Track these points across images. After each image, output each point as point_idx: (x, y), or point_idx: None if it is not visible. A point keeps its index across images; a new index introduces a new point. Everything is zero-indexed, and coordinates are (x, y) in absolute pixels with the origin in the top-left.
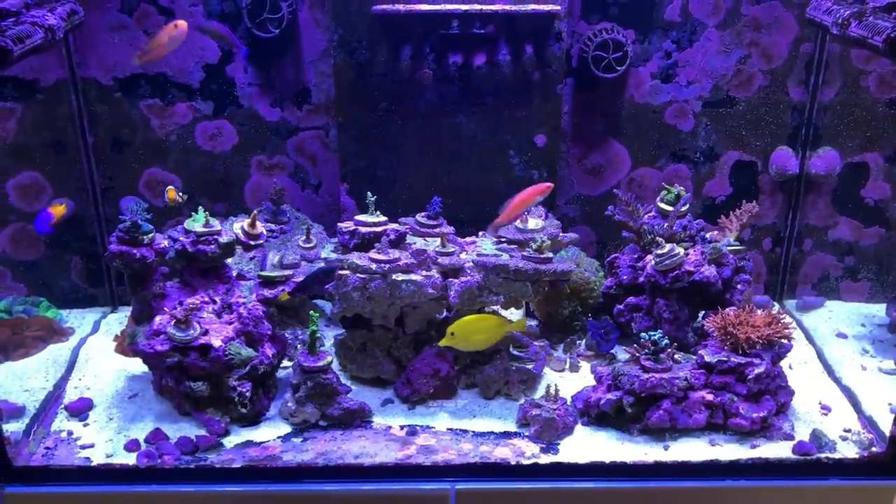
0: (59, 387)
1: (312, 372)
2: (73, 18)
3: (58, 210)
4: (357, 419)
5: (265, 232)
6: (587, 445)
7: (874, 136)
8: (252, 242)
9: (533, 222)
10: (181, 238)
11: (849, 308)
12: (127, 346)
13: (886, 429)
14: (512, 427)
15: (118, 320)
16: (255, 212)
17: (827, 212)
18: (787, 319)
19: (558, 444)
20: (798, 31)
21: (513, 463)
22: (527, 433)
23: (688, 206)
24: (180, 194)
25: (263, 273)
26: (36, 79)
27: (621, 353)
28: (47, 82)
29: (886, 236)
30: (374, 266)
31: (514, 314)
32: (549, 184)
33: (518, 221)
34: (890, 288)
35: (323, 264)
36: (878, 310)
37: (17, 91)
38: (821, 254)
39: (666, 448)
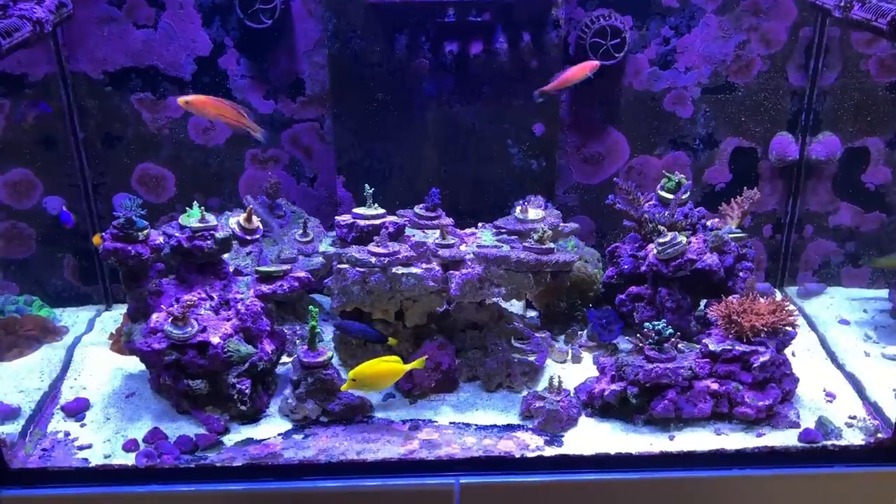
0: (55, 387)
1: (312, 367)
2: (61, 11)
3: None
4: (358, 414)
5: (261, 226)
6: (592, 437)
7: (875, 120)
8: (248, 237)
9: (533, 212)
10: (177, 234)
11: (850, 294)
12: (123, 344)
13: (892, 415)
14: (515, 420)
15: (113, 318)
16: (250, 206)
17: (827, 197)
18: (791, 307)
19: (562, 436)
20: (797, 16)
21: (517, 456)
22: (530, 425)
23: (688, 193)
24: None
25: (261, 268)
26: (24, 73)
27: (622, 343)
28: (36, 77)
29: (887, 221)
30: (373, 259)
31: (513, 306)
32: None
33: (518, 211)
34: (891, 273)
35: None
36: (880, 295)
37: (6, 86)
38: (821, 240)
39: (671, 438)
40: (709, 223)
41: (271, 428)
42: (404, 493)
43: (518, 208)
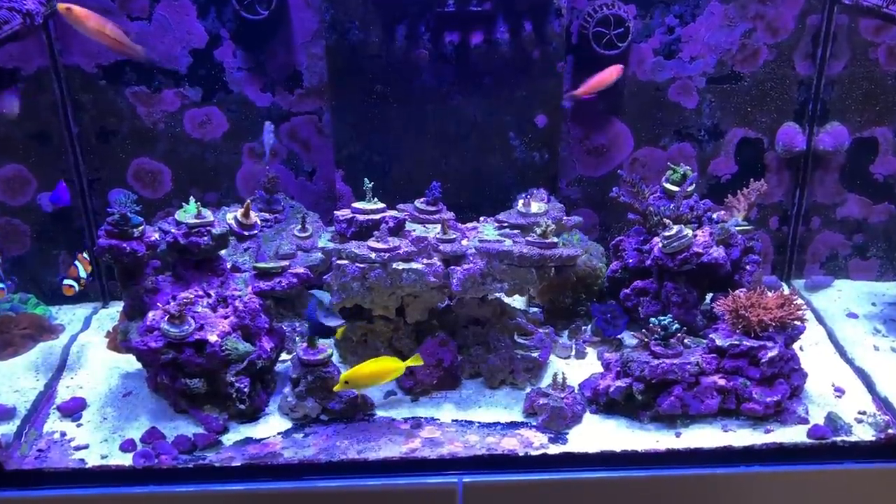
0: (51, 386)
1: (312, 365)
2: (52, 3)
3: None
4: (359, 412)
5: (259, 222)
6: (597, 434)
7: (883, 109)
8: (246, 233)
9: (536, 206)
10: (172, 230)
11: (858, 287)
12: (119, 342)
13: None
14: (518, 417)
15: (109, 316)
16: (248, 201)
17: (835, 189)
18: (799, 301)
19: (567, 433)
20: (804, 3)
21: (521, 454)
22: (534, 423)
23: (694, 185)
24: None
25: (259, 265)
26: (17, 67)
27: (627, 339)
28: (28, 71)
29: None
30: (373, 255)
31: (516, 301)
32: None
33: (520, 205)
34: None
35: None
36: (889, 288)
37: None
38: (829, 232)
39: (678, 435)
40: (715, 215)
41: (271, 427)
42: (406, 492)
43: (520, 202)
